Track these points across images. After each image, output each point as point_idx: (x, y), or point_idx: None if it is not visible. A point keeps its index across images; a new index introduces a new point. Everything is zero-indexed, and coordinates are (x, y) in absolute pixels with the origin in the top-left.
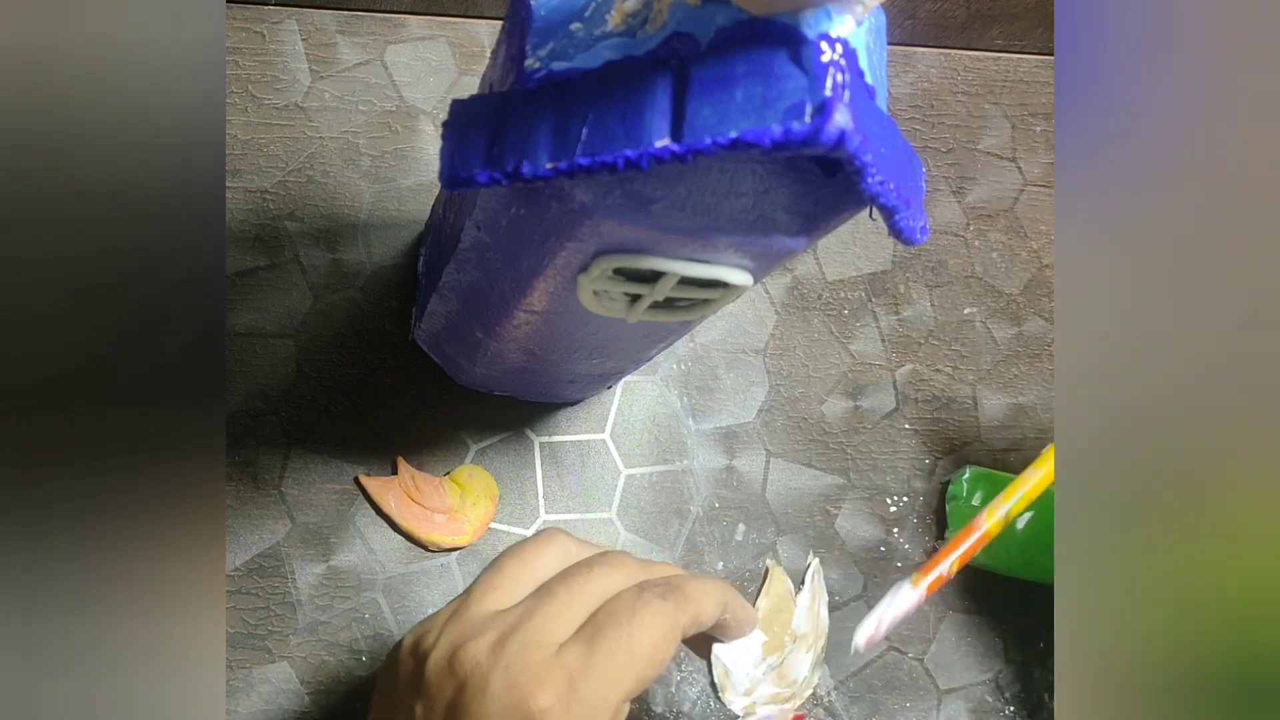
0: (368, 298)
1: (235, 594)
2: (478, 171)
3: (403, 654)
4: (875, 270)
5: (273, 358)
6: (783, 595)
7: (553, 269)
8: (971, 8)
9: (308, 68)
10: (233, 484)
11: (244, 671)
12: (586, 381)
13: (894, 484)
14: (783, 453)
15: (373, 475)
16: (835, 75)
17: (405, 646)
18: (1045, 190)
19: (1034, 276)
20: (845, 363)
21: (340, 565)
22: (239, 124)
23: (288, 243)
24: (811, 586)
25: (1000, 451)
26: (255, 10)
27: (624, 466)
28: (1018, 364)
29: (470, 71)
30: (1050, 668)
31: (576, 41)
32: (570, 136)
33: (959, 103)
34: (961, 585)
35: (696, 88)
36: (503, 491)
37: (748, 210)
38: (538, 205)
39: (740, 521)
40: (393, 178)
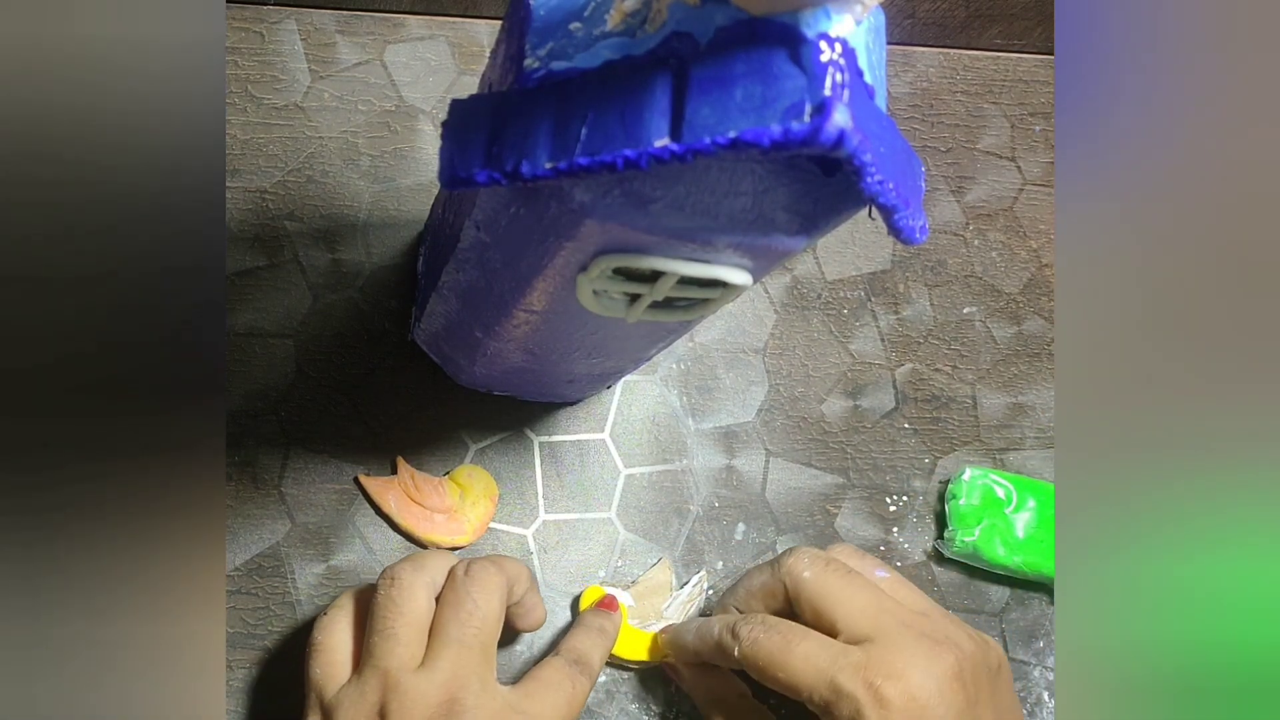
0: (367, 298)
1: (235, 594)
2: (477, 171)
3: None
4: (875, 270)
5: (272, 358)
6: (663, 581)
7: (552, 269)
8: (971, 7)
9: (307, 68)
10: (233, 484)
11: (244, 671)
12: (586, 381)
13: (893, 483)
14: (782, 452)
15: (372, 475)
16: (834, 75)
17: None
18: (1044, 190)
19: (1034, 276)
20: (845, 362)
21: (340, 565)
22: (239, 124)
23: (287, 243)
24: (692, 590)
25: (1000, 451)
26: (255, 10)
27: (623, 466)
28: (1017, 363)
29: (470, 71)
30: (1050, 668)
31: (576, 41)
32: (570, 136)
33: (958, 102)
34: (962, 585)
35: (696, 87)
36: (502, 491)
37: (747, 210)
38: (537, 205)
39: (740, 521)
40: (392, 177)
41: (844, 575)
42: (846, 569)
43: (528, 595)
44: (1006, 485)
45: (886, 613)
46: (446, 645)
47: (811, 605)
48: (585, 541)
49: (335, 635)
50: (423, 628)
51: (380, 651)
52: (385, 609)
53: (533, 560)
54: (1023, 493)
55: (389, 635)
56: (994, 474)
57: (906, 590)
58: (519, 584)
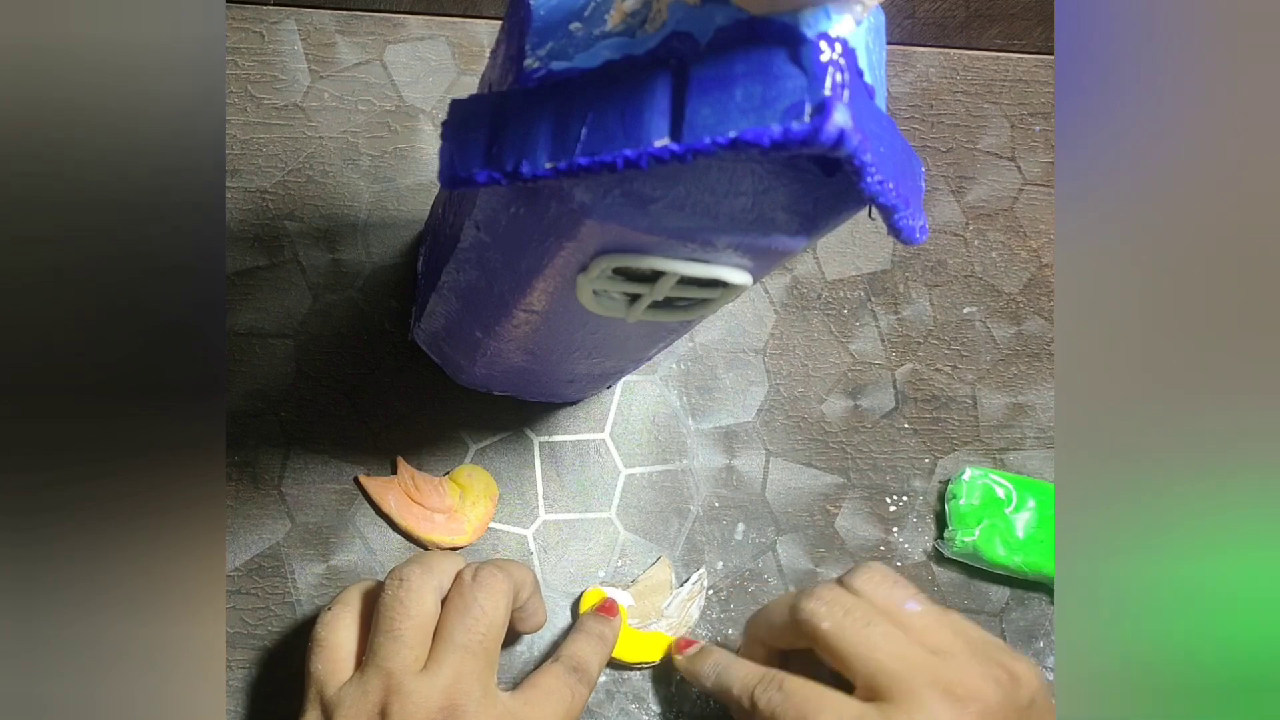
0: (367, 298)
1: (235, 594)
2: (477, 171)
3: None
4: (875, 270)
5: (272, 358)
6: (662, 580)
7: (552, 269)
8: (971, 7)
9: (307, 68)
10: (233, 484)
11: (244, 671)
12: (586, 381)
13: (893, 483)
14: (782, 452)
15: (372, 475)
16: (834, 75)
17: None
18: (1044, 190)
19: (1033, 276)
20: (845, 362)
21: (340, 565)
22: (238, 124)
23: (287, 243)
24: (693, 588)
25: (999, 451)
26: (255, 10)
27: (623, 466)
28: (1017, 363)
29: (470, 71)
30: (1050, 668)
31: (576, 41)
32: (570, 136)
33: (958, 102)
34: (961, 585)
35: (696, 87)
36: (502, 491)
37: (747, 210)
38: (537, 205)
39: (740, 521)
40: (392, 177)
41: (864, 625)
42: (867, 616)
43: (531, 599)
44: (1006, 485)
45: (907, 665)
46: (451, 650)
47: (831, 655)
48: (585, 541)
49: (339, 632)
50: (428, 630)
51: (385, 652)
52: (392, 610)
53: (533, 560)
54: (1023, 493)
55: (394, 636)
56: (994, 474)
57: (936, 627)
58: (524, 589)
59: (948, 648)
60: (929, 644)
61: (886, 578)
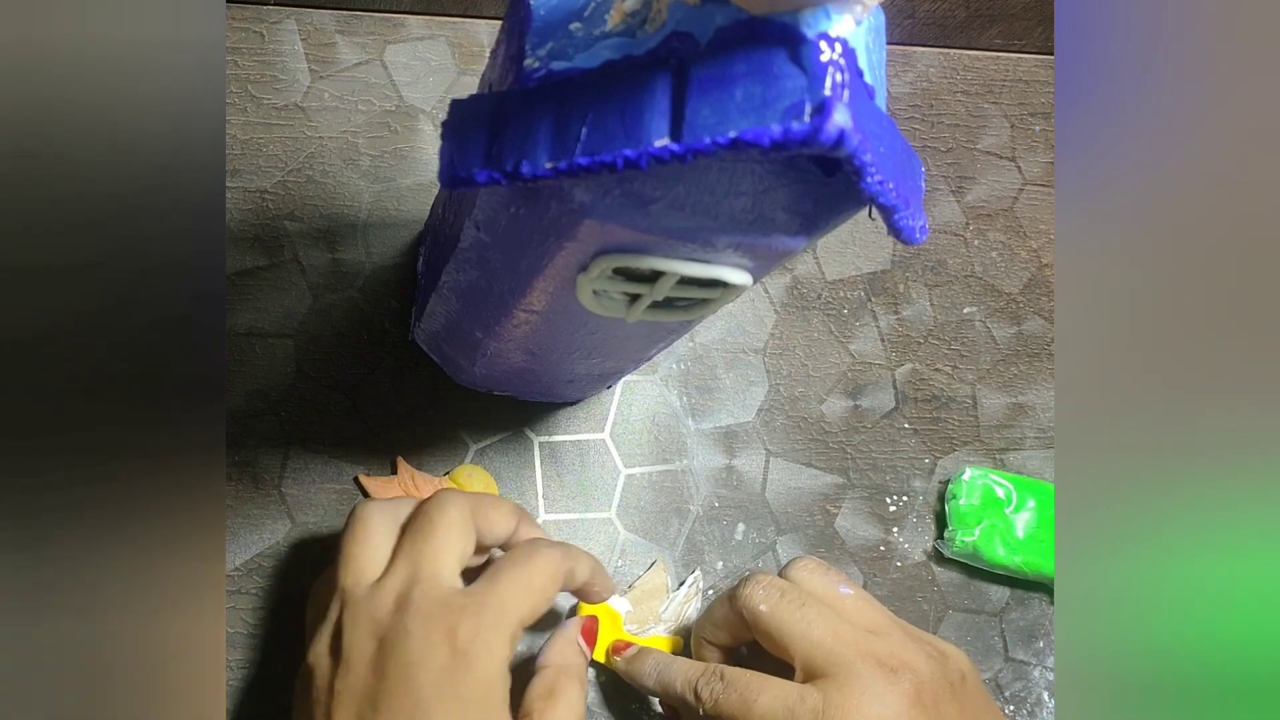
0: (367, 298)
1: (235, 594)
2: (477, 171)
3: (315, 656)
4: (875, 270)
5: (272, 358)
6: (659, 584)
7: (552, 269)
8: (971, 7)
9: (307, 68)
10: (233, 484)
11: (244, 671)
12: (586, 381)
13: (893, 483)
14: (782, 452)
15: (372, 475)
16: (834, 75)
17: (313, 654)
18: (1045, 190)
19: (1034, 276)
20: (845, 362)
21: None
22: (238, 124)
23: (287, 243)
24: (689, 590)
25: (999, 451)
26: (255, 10)
27: (623, 466)
28: (1017, 363)
29: (470, 71)
30: (1050, 668)
31: (576, 41)
32: (570, 136)
33: (958, 102)
34: (961, 585)
35: (696, 87)
36: (502, 491)
37: (747, 210)
38: (537, 205)
39: (740, 521)
40: (392, 177)
41: (798, 606)
42: (802, 597)
43: (593, 577)
44: (1006, 485)
45: (842, 642)
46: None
47: (768, 638)
48: (585, 541)
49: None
50: None
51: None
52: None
53: None
54: (1023, 493)
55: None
56: (994, 474)
57: (868, 609)
58: (579, 572)
59: (880, 627)
60: (862, 624)
61: (820, 566)
